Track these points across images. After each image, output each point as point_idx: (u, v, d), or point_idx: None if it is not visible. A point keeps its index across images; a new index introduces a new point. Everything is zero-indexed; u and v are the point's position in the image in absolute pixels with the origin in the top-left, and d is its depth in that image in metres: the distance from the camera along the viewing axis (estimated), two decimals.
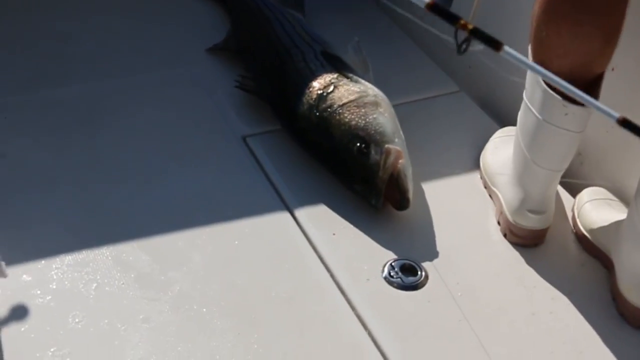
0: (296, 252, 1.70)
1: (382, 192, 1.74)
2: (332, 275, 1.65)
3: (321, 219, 1.77)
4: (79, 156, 1.85)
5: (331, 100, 1.85)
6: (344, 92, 1.86)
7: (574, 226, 1.81)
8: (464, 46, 1.03)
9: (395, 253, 1.70)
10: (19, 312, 1.50)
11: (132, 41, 2.24)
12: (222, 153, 1.91)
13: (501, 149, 1.88)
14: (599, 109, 0.87)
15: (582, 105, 1.52)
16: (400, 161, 1.74)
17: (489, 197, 1.86)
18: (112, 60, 2.16)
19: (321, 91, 1.87)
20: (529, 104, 1.65)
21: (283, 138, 1.94)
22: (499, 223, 1.80)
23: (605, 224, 1.71)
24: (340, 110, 1.83)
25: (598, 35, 1.52)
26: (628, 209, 1.60)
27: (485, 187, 1.88)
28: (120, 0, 2.41)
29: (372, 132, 1.79)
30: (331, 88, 1.87)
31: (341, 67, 1.96)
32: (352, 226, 1.76)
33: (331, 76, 1.91)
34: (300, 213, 1.77)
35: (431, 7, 0.84)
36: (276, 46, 2.05)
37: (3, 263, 1.44)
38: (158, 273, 1.62)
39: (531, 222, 1.72)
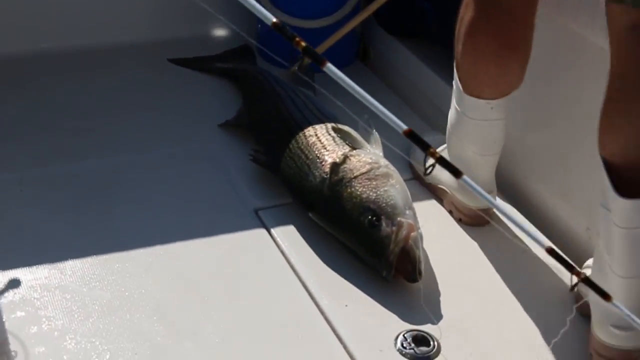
0: (309, 323, 1.71)
1: (394, 265, 1.76)
2: (344, 347, 1.66)
3: (333, 290, 1.79)
4: (94, 230, 1.89)
5: (343, 172, 1.89)
6: (355, 164, 1.90)
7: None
8: (429, 169, 1.23)
9: (408, 323, 1.71)
10: None
11: (147, 117, 2.32)
12: (235, 226, 1.94)
13: None
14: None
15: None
16: (412, 234, 1.76)
17: (496, 264, 1.90)
18: (128, 135, 2.23)
19: (333, 164, 1.91)
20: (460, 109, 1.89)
21: (295, 211, 1.97)
22: (450, 213, 2.01)
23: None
24: (352, 183, 1.87)
25: (517, 66, 1.80)
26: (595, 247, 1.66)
27: (424, 186, 2.09)
28: (136, 77, 2.49)
29: (384, 204, 1.82)
30: (343, 160, 1.91)
31: (352, 141, 2.01)
32: (364, 297, 1.77)
33: (343, 149, 1.96)
34: (313, 284, 1.80)
35: (408, 134, 0.98)
36: (288, 121, 2.11)
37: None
38: (172, 344, 1.64)
39: (478, 201, 1.91)
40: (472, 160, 1.91)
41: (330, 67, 0.97)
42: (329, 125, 2.06)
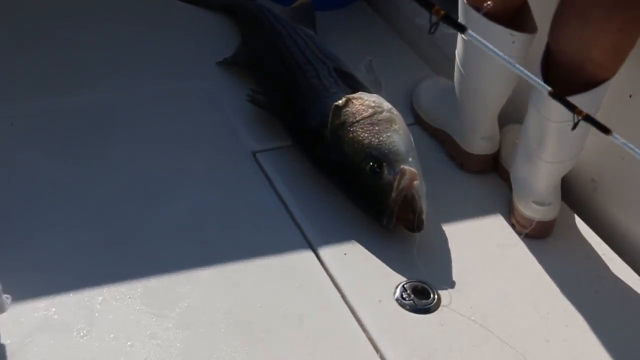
0: (307, 271, 1.71)
1: (395, 213, 1.75)
2: (343, 296, 1.66)
3: (332, 239, 1.78)
4: (89, 171, 1.87)
5: (344, 116, 1.87)
6: (358, 108, 1.87)
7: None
8: (433, 28, 1.20)
9: (408, 275, 1.71)
10: (24, 326, 1.51)
11: (141, 51, 2.27)
12: (232, 169, 1.93)
13: (432, 90, 2.11)
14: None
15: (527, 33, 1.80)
16: (414, 182, 1.75)
17: (502, 218, 1.90)
18: (121, 70, 2.19)
19: (334, 107, 1.88)
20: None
21: (294, 154, 1.95)
22: (452, 157, 2.01)
23: (511, 149, 1.94)
24: (354, 128, 1.85)
25: None
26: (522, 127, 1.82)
27: (426, 130, 2.09)
28: (131, 10, 2.44)
29: (386, 150, 1.80)
30: (345, 104, 1.88)
31: (355, 84, 1.98)
32: (363, 246, 1.77)
33: (344, 92, 1.93)
34: (311, 232, 1.79)
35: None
36: (288, 62, 2.07)
37: (8, 298, 1.45)
38: (166, 288, 1.62)
39: (482, 148, 1.96)
40: (479, 103, 1.90)
41: (472, 34, 1.06)
42: (331, 65, 2.04)
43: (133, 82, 2.16)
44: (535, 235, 1.84)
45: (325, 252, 1.75)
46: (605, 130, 1.26)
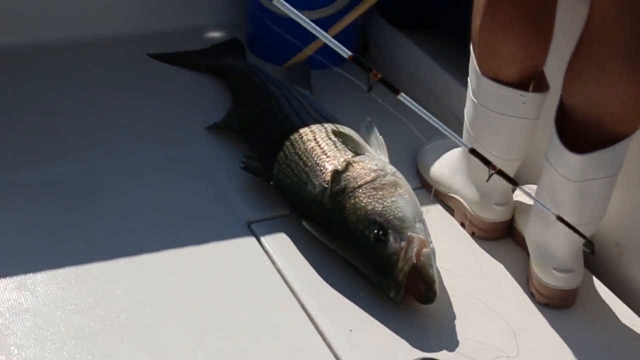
0: (309, 350, 1.65)
1: (403, 284, 1.70)
2: None
3: (337, 314, 1.73)
4: (69, 244, 1.81)
5: (346, 181, 1.82)
6: (359, 172, 1.84)
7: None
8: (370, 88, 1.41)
9: (420, 350, 1.66)
10: None
11: (127, 118, 2.24)
12: (226, 241, 1.88)
13: (439, 153, 2.08)
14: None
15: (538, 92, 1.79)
16: (424, 250, 1.71)
17: (520, 287, 1.85)
18: (107, 138, 2.16)
19: (334, 172, 1.84)
20: (477, 101, 1.83)
21: (292, 224, 1.91)
22: (463, 225, 1.97)
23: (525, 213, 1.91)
24: (355, 193, 1.80)
25: (541, 40, 1.75)
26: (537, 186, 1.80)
27: (434, 195, 2.03)
28: (115, 73, 2.42)
29: (391, 217, 1.76)
30: (345, 168, 1.84)
31: (355, 147, 1.94)
32: (370, 321, 1.72)
33: (345, 155, 1.89)
34: (314, 307, 1.74)
35: (353, 59, 1.22)
36: (283, 124, 2.03)
37: None
38: None
39: (495, 214, 1.92)
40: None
41: (404, 97, 1.24)
42: (329, 127, 2.00)
43: (117, 150, 2.12)
44: (557, 305, 1.79)
45: (330, 329, 1.69)
46: (514, 183, 1.53)
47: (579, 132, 1.63)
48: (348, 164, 1.85)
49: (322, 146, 1.93)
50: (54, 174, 2.01)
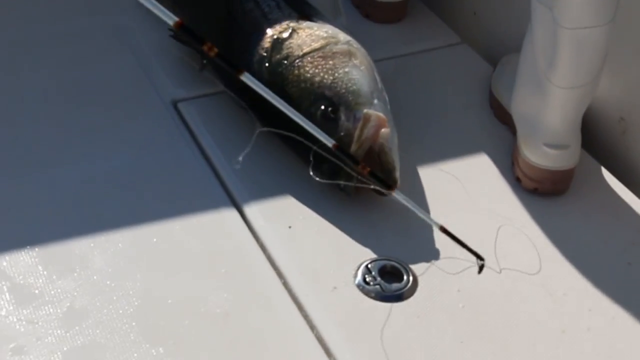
0: (237, 251, 1.52)
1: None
2: (284, 282, 1.47)
3: (273, 209, 1.61)
4: None
5: (288, 49, 1.69)
6: (305, 39, 1.70)
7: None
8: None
9: (373, 252, 1.52)
10: None
11: None
12: (147, 121, 1.78)
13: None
14: None
15: None
16: (383, 130, 1.57)
17: (498, 177, 1.71)
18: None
19: (276, 38, 1.71)
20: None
21: (224, 102, 1.78)
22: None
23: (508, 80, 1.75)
24: (301, 63, 1.67)
25: None
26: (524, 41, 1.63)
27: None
28: None
29: (343, 90, 1.63)
30: (289, 34, 1.71)
31: (304, 10, 1.80)
32: (314, 217, 1.59)
33: (289, 19, 1.75)
34: (245, 200, 1.61)
35: (179, 26, 1.08)
36: None
37: None
38: (42, 283, 1.43)
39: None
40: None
41: (248, 76, 1.17)
42: None
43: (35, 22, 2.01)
44: (548, 190, 1.62)
45: (263, 225, 1.56)
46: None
47: None
48: (293, 30, 1.73)
49: (262, 7, 1.80)
50: None
